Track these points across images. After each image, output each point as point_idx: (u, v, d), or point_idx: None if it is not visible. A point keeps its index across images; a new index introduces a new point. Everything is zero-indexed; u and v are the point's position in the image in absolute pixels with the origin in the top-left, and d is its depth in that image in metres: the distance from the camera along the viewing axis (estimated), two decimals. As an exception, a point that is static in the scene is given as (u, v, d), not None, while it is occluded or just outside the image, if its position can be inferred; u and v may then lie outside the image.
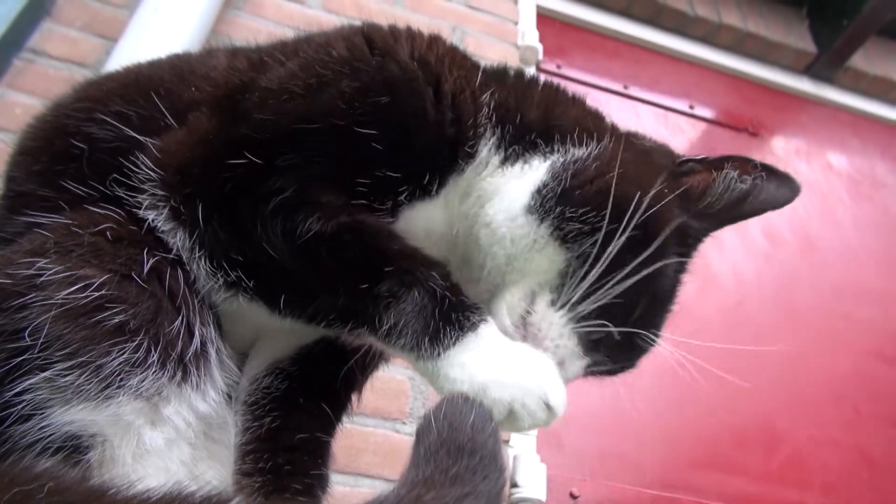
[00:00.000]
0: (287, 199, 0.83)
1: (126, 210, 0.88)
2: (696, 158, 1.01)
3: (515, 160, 0.95)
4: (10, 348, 0.72)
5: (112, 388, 0.74)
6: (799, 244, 3.07)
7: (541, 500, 1.85)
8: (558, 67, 3.12)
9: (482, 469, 0.66)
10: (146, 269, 0.82)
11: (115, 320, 0.76)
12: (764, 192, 0.97)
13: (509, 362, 0.80)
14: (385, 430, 1.83)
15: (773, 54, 3.61)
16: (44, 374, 0.72)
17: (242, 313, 0.91)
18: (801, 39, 3.64)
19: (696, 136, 3.32)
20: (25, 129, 1.01)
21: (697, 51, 3.52)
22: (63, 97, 1.04)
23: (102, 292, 0.76)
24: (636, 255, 0.87)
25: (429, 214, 0.94)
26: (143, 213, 0.87)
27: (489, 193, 0.94)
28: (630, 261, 0.86)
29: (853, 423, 2.62)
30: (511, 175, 0.95)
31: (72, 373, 0.73)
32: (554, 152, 0.95)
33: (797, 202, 1.00)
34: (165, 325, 0.80)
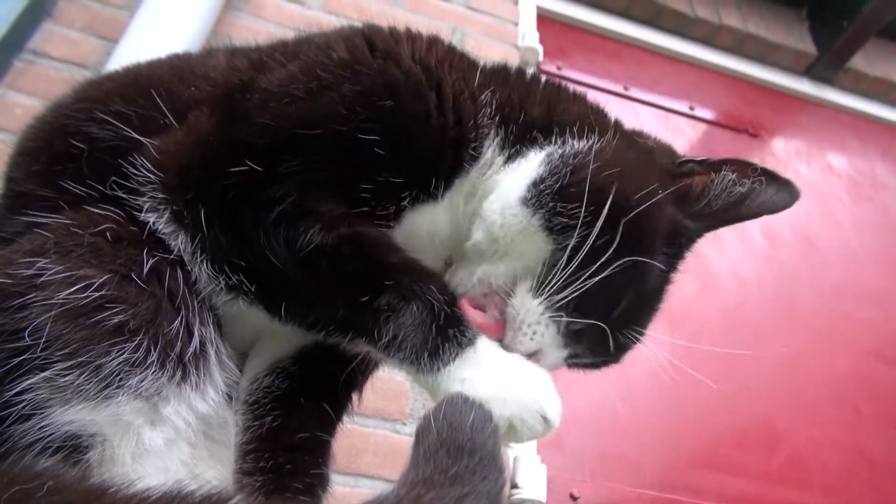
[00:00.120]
0: (288, 209, 0.83)
1: (126, 211, 0.88)
2: (697, 160, 1.00)
3: (517, 156, 0.95)
4: (11, 348, 0.72)
5: (112, 388, 0.75)
6: (799, 245, 3.07)
7: (541, 501, 1.85)
8: (558, 69, 3.12)
9: (482, 469, 0.66)
10: (146, 270, 0.82)
11: (115, 320, 0.76)
12: (762, 195, 0.97)
13: (508, 377, 0.81)
14: (385, 431, 1.83)
15: (774, 55, 3.61)
16: (44, 374, 0.72)
17: (243, 315, 0.91)
18: (802, 41, 3.65)
19: (696, 138, 3.32)
20: (25, 130, 1.01)
21: (698, 52, 3.52)
22: (63, 98, 1.04)
23: (102, 292, 0.77)
24: (621, 249, 0.86)
25: (432, 217, 0.94)
26: (143, 216, 0.87)
27: (490, 189, 0.94)
28: (614, 256, 0.86)
29: (853, 423, 2.62)
30: (510, 170, 0.95)
31: (71, 372, 0.73)
32: (552, 144, 0.95)
33: (797, 203, 1.00)
34: (165, 325, 0.81)
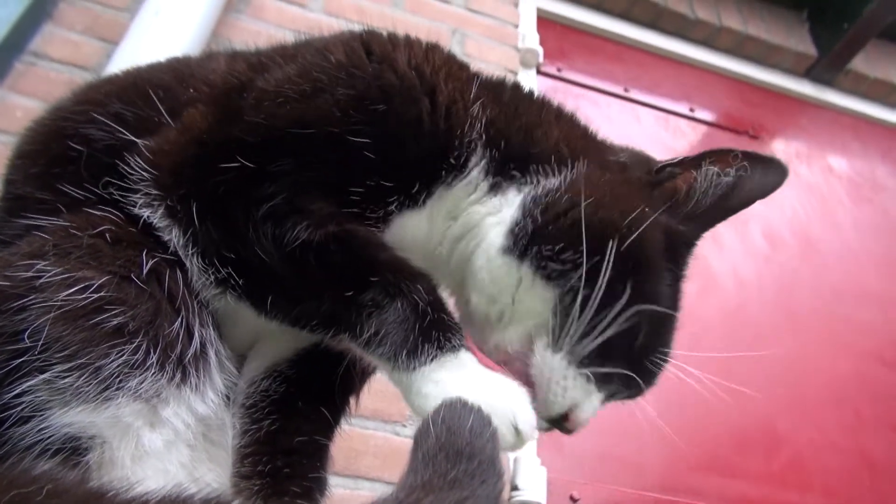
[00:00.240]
0: (277, 206, 0.84)
1: (124, 212, 0.88)
2: (674, 162, 0.99)
3: (496, 192, 0.94)
4: (10, 350, 0.72)
5: (111, 390, 0.74)
6: (799, 247, 3.07)
7: (541, 503, 1.85)
8: (559, 70, 3.12)
9: (480, 473, 0.66)
10: (145, 271, 0.82)
11: (115, 322, 0.76)
12: (749, 181, 0.95)
13: (482, 386, 0.79)
14: (385, 433, 1.82)
15: (774, 57, 3.61)
16: (43, 376, 0.72)
17: (240, 315, 0.91)
18: (802, 42, 3.65)
19: (696, 139, 3.32)
20: (24, 133, 1.01)
21: (698, 54, 3.51)
22: (62, 100, 1.04)
23: (101, 294, 0.76)
24: (628, 281, 0.85)
25: (415, 223, 0.94)
26: (137, 211, 0.87)
27: (470, 224, 0.94)
28: (622, 291, 0.85)
29: (854, 425, 2.62)
30: (492, 207, 0.94)
31: (71, 374, 0.73)
32: (527, 184, 0.93)
33: (797, 204, 1.00)
34: (165, 326, 0.80)
